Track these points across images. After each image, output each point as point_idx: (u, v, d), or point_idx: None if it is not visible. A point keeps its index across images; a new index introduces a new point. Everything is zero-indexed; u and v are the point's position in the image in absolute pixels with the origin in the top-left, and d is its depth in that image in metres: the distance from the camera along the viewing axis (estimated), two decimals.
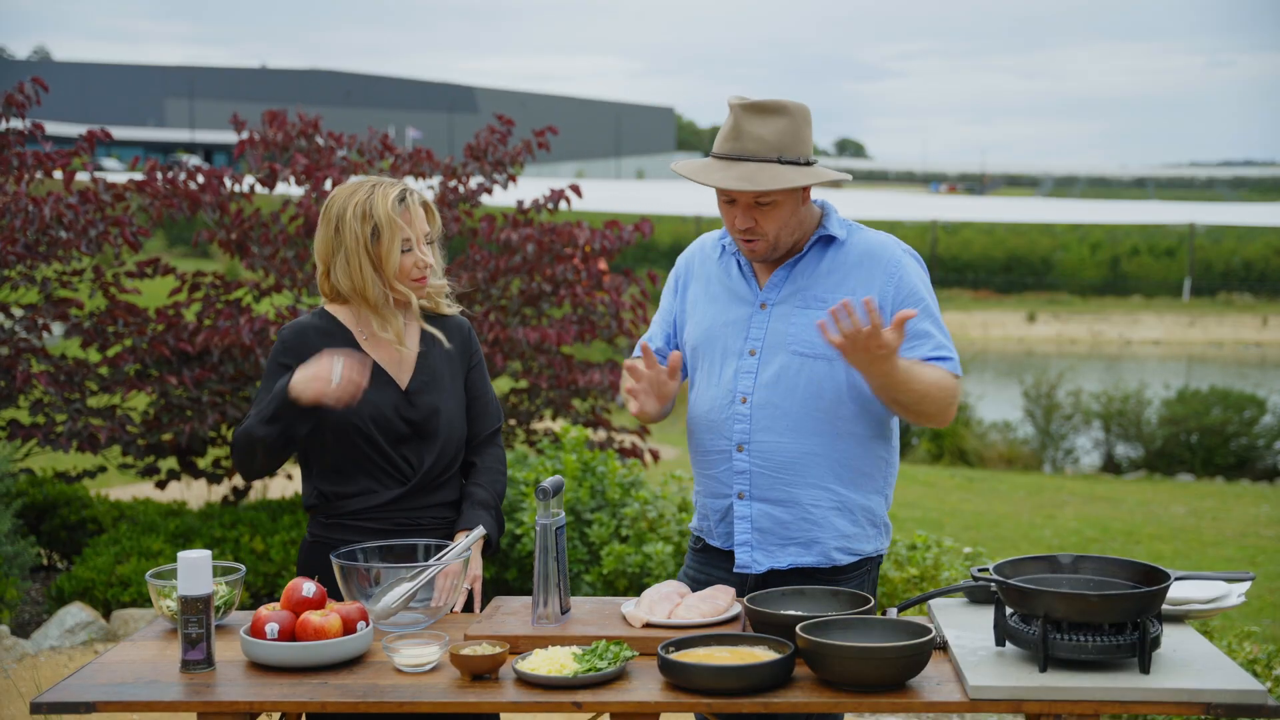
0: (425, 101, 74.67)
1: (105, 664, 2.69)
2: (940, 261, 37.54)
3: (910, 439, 15.47)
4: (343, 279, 3.09)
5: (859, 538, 3.05)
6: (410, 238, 3.08)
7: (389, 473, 3.10)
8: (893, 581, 5.18)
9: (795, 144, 2.93)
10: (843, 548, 3.03)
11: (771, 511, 3.00)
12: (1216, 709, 2.40)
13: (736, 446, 3.02)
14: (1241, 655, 4.38)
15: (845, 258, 3.03)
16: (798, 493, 2.99)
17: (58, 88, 11.42)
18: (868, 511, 3.06)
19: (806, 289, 3.02)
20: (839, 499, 3.01)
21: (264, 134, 6.91)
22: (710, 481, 3.10)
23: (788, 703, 2.45)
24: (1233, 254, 35.87)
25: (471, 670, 2.53)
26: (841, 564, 3.03)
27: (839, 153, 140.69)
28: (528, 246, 6.84)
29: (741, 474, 3.02)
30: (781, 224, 2.96)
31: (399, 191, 3.08)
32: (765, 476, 3.00)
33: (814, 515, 2.99)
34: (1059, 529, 9.66)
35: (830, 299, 2.96)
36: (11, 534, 5.75)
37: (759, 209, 2.93)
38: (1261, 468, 13.95)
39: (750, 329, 3.04)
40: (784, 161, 2.91)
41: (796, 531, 3.00)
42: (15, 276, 6.07)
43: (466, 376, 3.24)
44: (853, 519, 3.03)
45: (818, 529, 3.00)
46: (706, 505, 3.13)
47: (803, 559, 3.01)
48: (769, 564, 3.02)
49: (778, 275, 3.04)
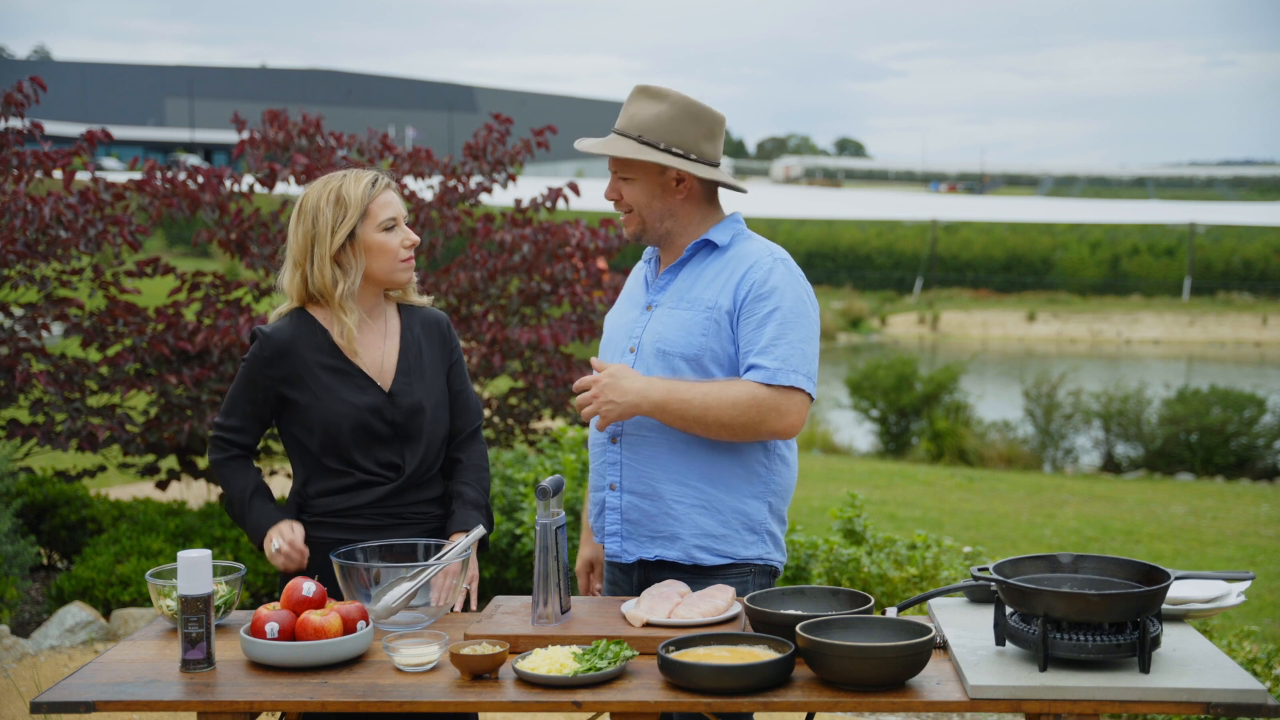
0: (425, 101, 74.68)
1: (105, 664, 2.69)
2: (940, 261, 37.55)
3: (910, 438, 15.48)
4: (318, 275, 3.06)
5: (730, 540, 3.06)
6: (392, 216, 3.09)
7: (375, 473, 3.10)
8: (893, 581, 5.18)
9: (664, 131, 3.03)
10: (705, 547, 3.04)
11: (639, 504, 3.08)
12: (1216, 708, 2.40)
13: (610, 438, 3.11)
14: (1241, 655, 4.38)
15: (720, 262, 3.10)
16: (661, 487, 3.05)
17: (58, 87, 11.39)
18: (741, 515, 3.06)
19: (682, 290, 3.11)
20: (705, 497, 3.05)
21: (265, 134, 6.91)
22: (593, 474, 3.20)
23: (788, 702, 2.45)
24: (1233, 254, 35.88)
25: (471, 670, 2.53)
26: (705, 564, 3.05)
27: (839, 152, 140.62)
28: (524, 246, 6.85)
29: (613, 465, 3.11)
30: (640, 202, 3.08)
31: (371, 176, 3.10)
32: (633, 469, 3.08)
33: (675, 511, 3.05)
34: (1059, 528, 9.66)
35: (696, 300, 3.07)
36: (11, 533, 5.75)
37: (622, 182, 3.08)
38: (1261, 467, 13.96)
39: (634, 328, 3.14)
40: (643, 141, 3.03)
41: (661, 525, 3.06)
42: (15, 276, 6.07)
43: (448, 373, 3.24)
44: (721, 520, 3.05)
45: (678, 524, 3.05)
46: (592, 499, 3.22)
47: (666, 553, 3.07)
48: (637, 554, 3.09)
49: (663, 278, 3.15)
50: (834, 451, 15.27)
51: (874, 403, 15.67)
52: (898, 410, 15.54)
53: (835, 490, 9.92)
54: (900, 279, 36.98)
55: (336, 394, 3.06)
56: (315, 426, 3.06)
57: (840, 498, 5.85)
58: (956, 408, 15.29)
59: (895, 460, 14.73)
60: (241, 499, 3.10)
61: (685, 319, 3.05)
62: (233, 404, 3.13)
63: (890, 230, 40.08)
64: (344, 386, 3.07)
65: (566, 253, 6.92)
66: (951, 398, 15.39)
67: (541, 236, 6.92)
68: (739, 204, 3.15)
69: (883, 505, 10.24)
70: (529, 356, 6.90)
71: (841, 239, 38.54)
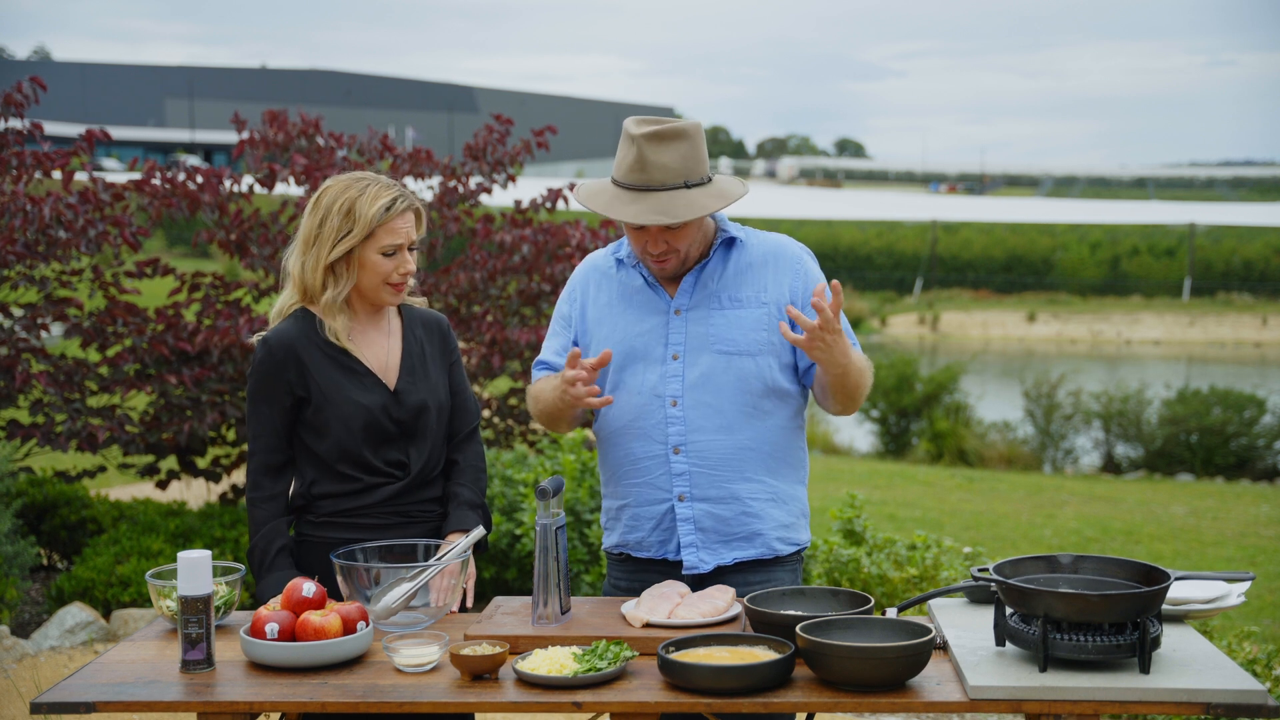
0: (425, 101, 74.67)
1: (105, 664, 2.69)
2: (940, 261, 37.55)
3: (910, 439, 15.48)
4: (309, 275, 3.06)
5: (796, 527, 3.15)
6: (397, 244, 3.05)
7: (383, 472, 3.10)
8: (893, 581, 5.17)
9: (697, 166, 2.99)
10: (783, 538, 3.11)
11: (713, 510, 3.06)
12: (1216, 709, 2.40)
13: (673, 449, 3.05)
14: (1241, 655, 4.38)
15: (749, 258, 3.11)
16: (736, 488, 3.05)
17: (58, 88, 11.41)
18: (797, 501, 3.16)
19: (719, 291, 3.08)
20: (773, 490, 3.09)
21: (264, 134, 6.91)
22: (642, 489, 3.10)
23: (788, 703, 2.44)
24: (1233, 254, 35.88)
25: (471, 670, 2.53)
26: (784, 554, 3.12)
27: (839, 153, 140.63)
28: (524, 247, 6.85)
29: (680, 475, 3.05)
30: (691, 241, 3.05)
31: (389, 198, 3.03)
32: (704, 475, 3.05)
33: (753, 508, 3.06)
34: (1059, 529, 9.66)
35: (745, 298, 3.07)
36: (11, 534, 5.75)
37: (670, 232, 2.99)
38: (1261, 468, 13.96)
39: (669, 334, 3.08)
40: (690, 185, 2.97)
41: (738, 526, 3.06)
42: (14, 276, 6.06)
43: (448, 373, 3.24)
44: (787, 509, 3.12)
45: (758, 521, 3.07)
46: (638, 515, 3.12)
47: (747, 552, 3.07)
48: (715, 561, 3.07)
49: (687, 281, 3.10)
50: (834, 452, 15.27)
51: (874, 403, 15.67)
52: (898, 410, 15.54)
53: (835, 490, 9.92)
54: (900, 279, 36.99)
55: (345, 392, 3.06)
56: (327, 427, 3.06)
57: (840, 498, 5.85)
58: (957, 408, 15.29)
59: (895, 461, 14.73)
60: (265, 550, 3.07)
61: (741, 317, 3.05)
62: (256, 425, 3.08)
63: (890, 231, 40.09)
64: (352, 385, 3.07)
65: (566, 253, 6.92)
66: (952, 398, 15.39)
67: (541, 237, 6.92)
68: (741, 203, 3.13)
69: (883, 506, 10.24)
70: (529, 357, 6.89)
71: (841, 239, 38.56)
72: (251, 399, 3.10)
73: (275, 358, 3.06)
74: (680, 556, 3.07)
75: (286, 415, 3.09)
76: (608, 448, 3.16)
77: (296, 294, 3.12)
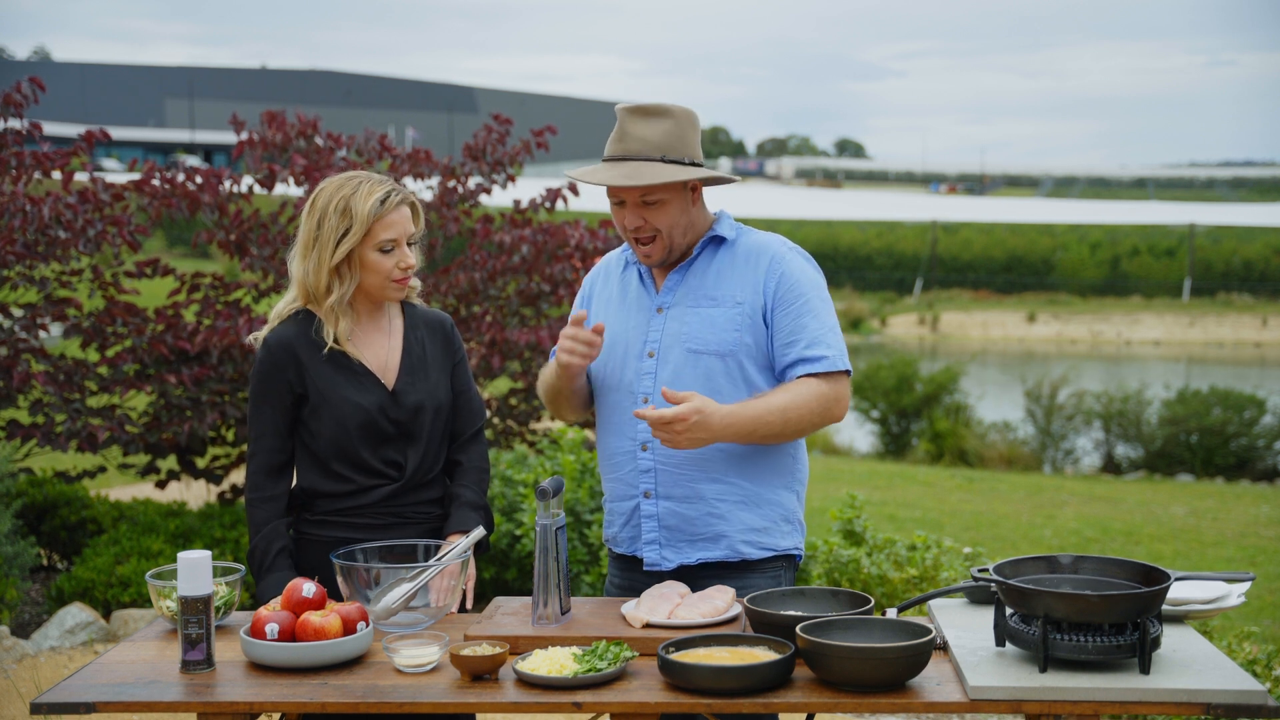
0: (425, 101, 74.68)
1: (105, 664, 2.69)
2: (940, 261, 37.56)
3: (910, 439, 15.48)
4: (311, 274, 3.07)
5: (771, 532, 3.08)
6: (393, 238, 3.06)
7: (378, 472, 3.11)
8: (893, 582, 5.17)
9: (680, 145, 3.00)
10: (751, 541, 3.06)
11: (677, 509, 3.05)
12: (1216, 709, 2.40)
13: (641, 446, 3.06)
14: (1241, 655, 4.38)
15: (733, 256, 3.10)
16: (701, 488, 3.03)
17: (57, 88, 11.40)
18: (778, 505, 3.10)
19: (697, 289, 3.09)
20: (744, 493, 3.05)
21: (263, 134, 6.91)
22: (617, 484, 3.14)
23: (788, 703, 2.44)
24: (1233, 254, 35.91)
25: (471, 670, 2.53)
26: (752, 558, 3.06)
27: (839, 153, 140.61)
28: (523, 247, 6.85)
29: (646, 472, 3.06)
30: (671, 222, 3.03)
31: (383, 192, 3.05)
32: (669, 473, 3.04)
33: (719, 509, 3.04)
34: (1059, 529, 9.66)
35: (718, 296, 3.06)
36: (11, 534, 5.75)
37: (646, 208, 3.00)
38: (1261, 468, 13.96)
39: (649, 332, 3.10)
40: (668, 160, 2.98)
41: (702, 527, 3.04)
42: (14, 276, 6.06)
43: (451, 374, 3.24)
44: (760, 512, 3.07)
45: (722, 523, 3.04)
46: (613, 510, 3.16)
47: (711, 554, 3.05)
48: (678, 560, 3.06)
49: (672, 279, 3.11)
50: (834, 452, 15.27)
51: (874, 403, 15.68)
52: (898, 411, 15.54)
53: (835, 491, 9.92)
54: (900, 280, 37.01)
55: (342, 392, 3.07)
56: (323, 425, 3.06)
57: (840, 498, 5.85)
58: (957, 408, 15.29)
59: (895, 461, 14.73)
60: (265, 550, 3.08)
61: (714, 316, 3.04)
62: (258, 426, 3.09)
63: (890, 231, 40.11)
64: (349, 385, 3.08)
65: (566, 253, 6.92)
66: (952, 398, 15.40)
67: (541, 237, 6.92)
68: (741, 204, 3.14)
69: (883, 506, 10.24)
70: (529, 357, 6.89)
71: (841, 240, 38.58)
72: (253, 400, 3.12)
73: (275, 358, 3.07)
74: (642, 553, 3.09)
75: (287, 416, 3.10)
76: (599, 443, 3.21)
77: (299, 297, 3.13)
